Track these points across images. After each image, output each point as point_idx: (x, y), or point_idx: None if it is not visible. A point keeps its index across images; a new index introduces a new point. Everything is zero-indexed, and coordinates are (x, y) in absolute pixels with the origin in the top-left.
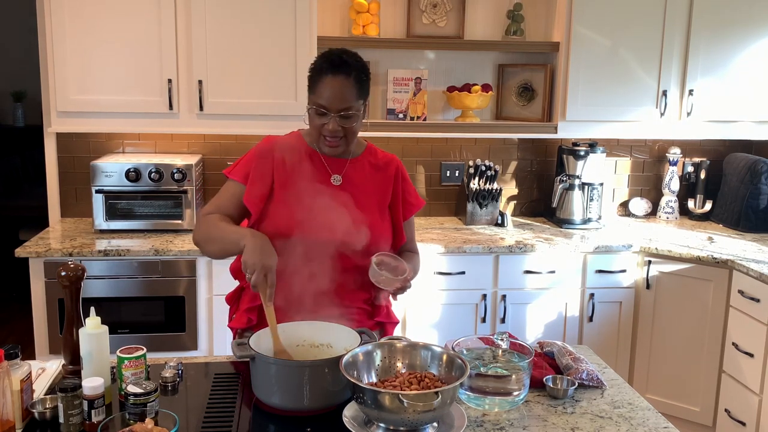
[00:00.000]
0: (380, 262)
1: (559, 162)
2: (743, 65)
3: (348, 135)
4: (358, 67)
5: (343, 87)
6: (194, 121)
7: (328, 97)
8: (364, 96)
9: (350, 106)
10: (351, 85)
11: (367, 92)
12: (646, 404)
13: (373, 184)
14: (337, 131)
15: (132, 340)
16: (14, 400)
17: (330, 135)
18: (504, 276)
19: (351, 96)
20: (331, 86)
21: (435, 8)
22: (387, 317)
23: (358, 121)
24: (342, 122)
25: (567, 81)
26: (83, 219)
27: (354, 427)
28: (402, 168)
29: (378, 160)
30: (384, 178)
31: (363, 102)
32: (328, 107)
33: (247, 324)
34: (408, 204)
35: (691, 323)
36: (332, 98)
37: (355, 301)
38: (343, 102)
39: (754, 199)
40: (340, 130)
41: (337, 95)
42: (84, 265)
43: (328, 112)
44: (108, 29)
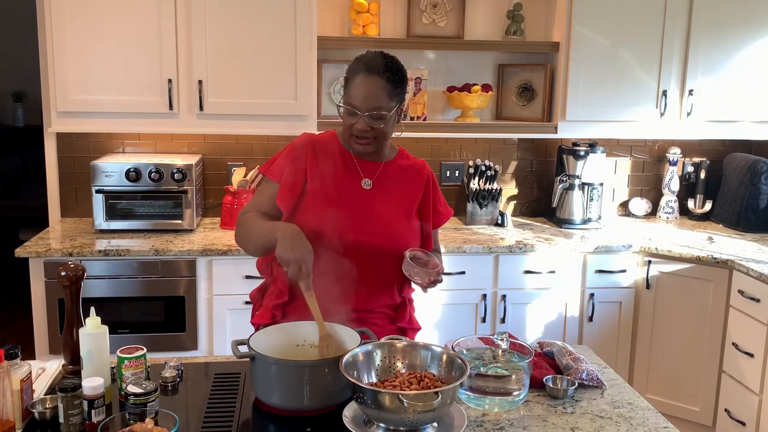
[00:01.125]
0: (413, 256)
1: (559, 162)
2: (743, 65)
3: (378, 136)
4: (393, 69)
5: (374, 87)
6: (194, 121)
7: (359, 96)
8: (398, 99)
9: (380, 107)
10: (382, 86)
11: (402, 96)
12: (646, 404)
13: (403, 189)
14: (366, 131)
15: (132, 340)
16: (14, 400)
17: (359, 134)
18: (504, 276)
19: (382, 97)
20: (362, 86)
21: (435, 8)
22: (409, 323)
23: (389, 123)
24: (371, 122)
25: (567, 81)
26: (83, 219)
27: (354, 427)
28: (433, 175)
29: (410, 165)
30: (415, 184)
31: (397, 105)
32: (358, 107)
33: (271, 320)
34: (438, 213)
35: (691, 323)
36: (362, 98)
37: (377, 305)
38: (372, 102)
39: (754, 199)
40: (369, 130)
41: (367, 95)
42: (84, 265)
43: (358, 112)
44: (108, 29)
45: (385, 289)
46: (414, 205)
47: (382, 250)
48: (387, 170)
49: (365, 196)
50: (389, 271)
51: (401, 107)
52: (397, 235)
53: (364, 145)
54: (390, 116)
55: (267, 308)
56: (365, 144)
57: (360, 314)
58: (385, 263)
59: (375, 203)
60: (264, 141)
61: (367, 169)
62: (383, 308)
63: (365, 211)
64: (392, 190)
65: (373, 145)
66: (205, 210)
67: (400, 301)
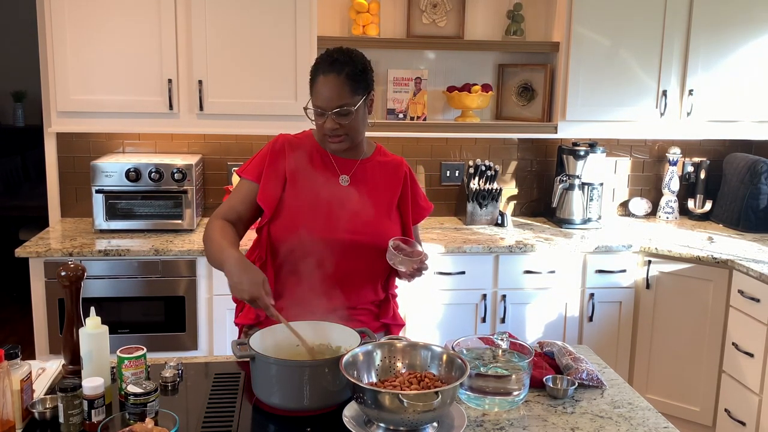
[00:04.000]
0: (396, 246)
1: (559, 162)
2: (743, 65)
3: (350, 132)
4: (352, 63)
5: (335, 85)
6: (194, 121)
7: (322, 96)
8: (363, 92)
9: (344, 104)
10: (343, 83)
11: (367, 88)
12: (646, 404)
13: (382, 185)
14: (336, 129)
15: (132, 340)
16: (14, 400)
17: (330, 133)
18: (504, 276)
19: (344, 93)
20: (323, 85)
21: (435, 8)
22: (393, 319)
23: (357, 118)
24: (339, 120)
25: (567, 81)
26: (83, 219)
27: (354, 427)
28: (411, 171)
29: (388, 161)
30: (393, 180)
31: (363, 98)
32: (323, 106)
33: (254, 320)
34: (419, 207)
35: (691, 323)
36: (325, 97)
37: (361, 301)
38: (336, 100)
39: (754, 199)
40: (339, 127)
41: (330, 94)
42: (84, 265)
43: (324, 111)
44: (108, 29)
45: (368, 285)
46: (393, 201)
47: (362, 246)
48: (365, 166)
49: (343, 193)
50: (371, 267)
51: (369, 98)
52: (377, 230)
53: (338, 143)
54: (356, 110)
55: (249, 308)
56: (338, 141)
57: (344, 311)
58: (366, 259)
59: (353, 199)
60: (264, 141)
61: (344, 166)
62: (367, 304)
63: (343, 207)
64: (370, 186)
65: (346, 141)
66: (205, 210)
67: (384, 296)
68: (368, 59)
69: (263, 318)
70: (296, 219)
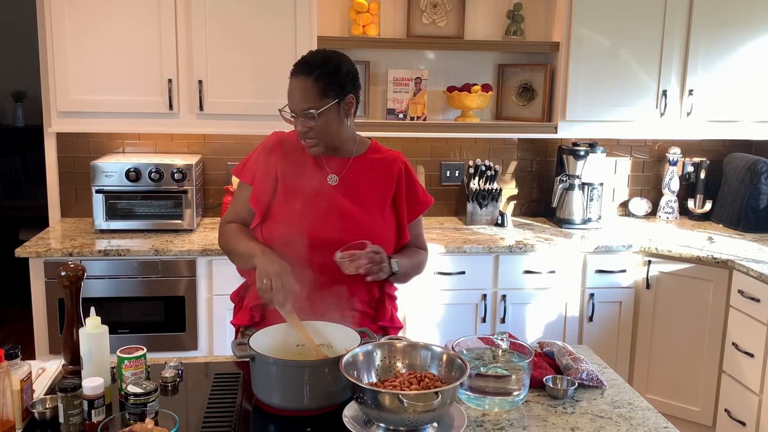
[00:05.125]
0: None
1: (559, 162)
2: (743, 65)
3: (320, 135)
4: (324, 66)
5: (302, 88)
6: (194, 121)
7: (290, 98)
8: (334, 95)
9: (311, 107)
10: (310, 86)
11: (340, 90)
12: (646, 404)
13: (374, 183)
14: (306, 132)
15: (132, 340)
16: (14, 400)
17: (302, 136)
18: (504, 276)
19: (312, 96)
20: (292, 88)
21: (435, 8)
22: (390, 321)
23: (328, 122)
24: (308, 123)
25: (567, 81)
26: (83, 219)
27: (354, 427)
28: (408, 166)
29: (383, 157)
30: (387, 176)
31: (334, 101)
32: (292, 109)
33: (250, 321)
34: (414, 204)
35: (691, 323)
36: (294, 100)
37: (356, 303)
38: (302, 103)
39: (754, 199)
40: (309, 131)
41: (297, 96)
42: (84, 265)
43: (294, 114)
44: (108, 29)
45: (360, 285)
46: (387, 198)
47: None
48: (355, 165)
49: (331, 193)
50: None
51: (345, 101)
52: (366, 229)
53: (310, 146)
54: (323, 113)
55: (246, 309)
56: (311, 145)
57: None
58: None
59: (341, 199)
60: None
61: (334, 165)
62: (363, 305)
63: (331, 207)
64: (361, 184)
65: (320, 144)
66: (205, 210)
67: (379, 296)
68: (351, 63)
69: (258, 319)
70: (285, 220)
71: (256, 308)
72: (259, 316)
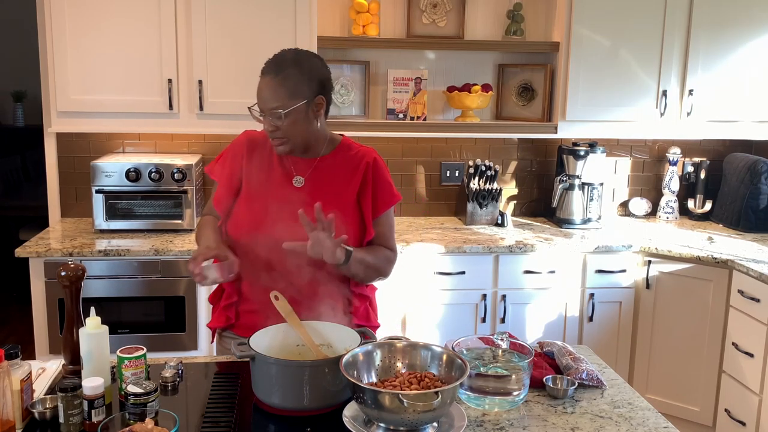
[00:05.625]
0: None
1: (559, 162)
2: (743, 65)
3: (288, 135)
4: (296, 66)
5: (270, 87)
6: (194, 121)
7: (259, 96)
8: (303, 96)
9: (279, 106)
10: (279, 84)
11: (309, 91)
12: (646, 404)
13: (339, 182)
14: (274, 131)
15: (132, 340)
16: (14, 400)
17: (269, 135)
18: (504, 276)
19: (280, 95)
20: (261, 87)
21: (435, 8)
22: (366, 320)
23: (296, 122)
24: (275, 122)
25: (567, 81)
26: (83, 219)
27: (354, 427)
28: (377, 162)
29: (352, 155)
30: (353, 174)
31: (302, 101)
32: (260, 108)
33: (225, 323)
34: (380, 199)
35: (691, 323)
36: (261, 98)
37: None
38: (270, 102)
39: (754, 199)
40: (276, 130)
41: (266, 95)
42: (84, 265)
43: (262, 113)
44: (108, 29)
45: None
46: (351, 196)
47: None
48: (322, 165)
49: (296, 194)
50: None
51: (314, 102)
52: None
53: (278, 145)
54: (289, 113)
55: (220, 310)
56: (278, 144)
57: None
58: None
59: (306, 200)
60: None
61: (301, 166)
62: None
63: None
64: (327, 184)
65: (287, 144)
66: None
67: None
68: (323, 64)
69: (233, 319)
70: (247, 223)
71: (229, 308)
72: (234, 316)
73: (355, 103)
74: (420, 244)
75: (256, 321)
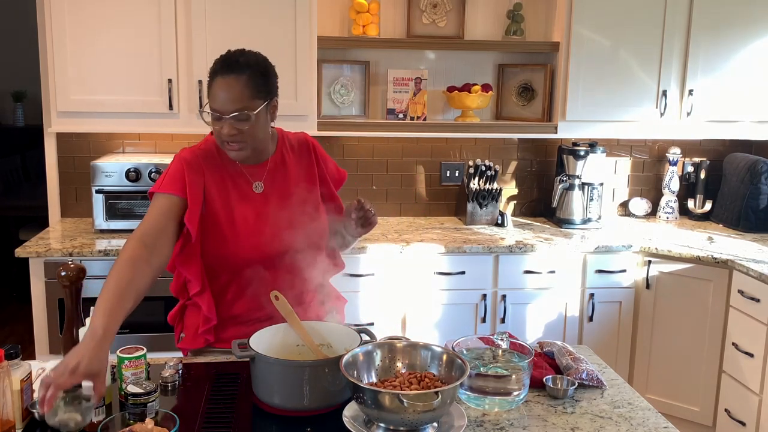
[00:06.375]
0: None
1: (559, 162)
2: (743, 65)
3: (248, 139)
4: (254, 66)
5: (234, 88)
6: (194, 121)
7: (219, 99)
8: (264, 96)
9: (244, 107)
10: (243, 86)
11: (268, 92)
12: (646, 404)
13: (297, 176)
14: (235, 135)
15: (132, 340)
16: (14, 400)
17: (228, 140)
18: (504, 276)
19: (243, 97)
20: (221, 88)
21: (435, 8)
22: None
23: (258, 124)
24: (237, 125)
25: (567, 81)
26: (83, 219)
27: (354, 427)
28: (316, 144)
29: (292, 145)
30: (306, 162)
31: (264, 102)
32: (220, 110)
33: (204, 344)
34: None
35: (691, 323)
36: (222, 100)
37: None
38: (234, 104)
39: (754, 199)
40: (237, 134)
41: (228, 97)
42: (84, 265)
43: (222, 116)
44: (108, 29)
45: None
46: (314, 181)
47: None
48: (273, 165)
49: (260, 201)
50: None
51: (272, 104)
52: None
53: (237, 151)
54: (256, 115)
55: (197, 334)
56: (238, 149)
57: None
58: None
59: (270, 205)
60: None
61: (255, 172)
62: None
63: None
64: (285, 182)
65: (246, 149)
66: None
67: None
68: (272, 65)
69: (212, 341)
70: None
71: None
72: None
73: (355, 103)
74: (420, 244)
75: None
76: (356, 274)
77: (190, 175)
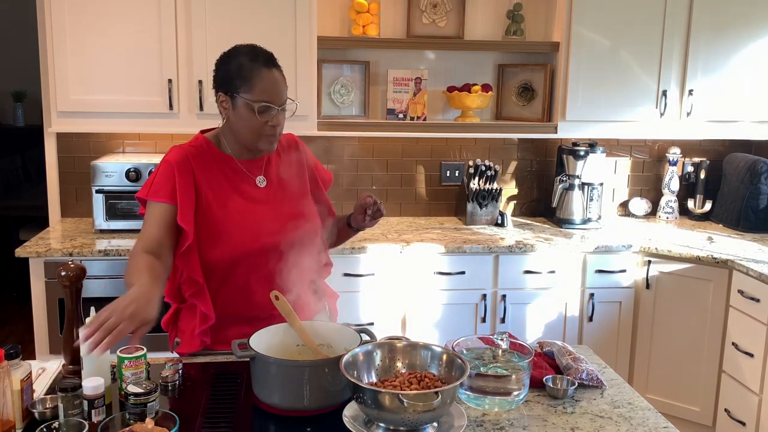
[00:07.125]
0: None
1: (559, 162)
2: (743, 65)
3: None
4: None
5: (280, 79)
6: (194, 121)
7: (270, 90)
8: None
9: (287, 98)
10: (283, 77)
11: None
12: (646, 404)
13: (291, 171)
14: (278, 126)
15: None
16: (14, 400)
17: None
18: (504, 276)
19: (286, 87)
20: (271, 80)
21: (435, 8)
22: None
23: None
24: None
25: (567, 81)
26: (83, 219)
27: (354, 427)
28: (303, 145)
29: (282, 144)
30: (297, 160)
31: None
32: (276, 101)
33: (200, 346)
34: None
35: (691, 323)
36: (275, 92)
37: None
38: (284, 94)
39: (754, 199)
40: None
41: (278, 88)
42: (84, 265)
43: (274, 106)
44: (108, 29)
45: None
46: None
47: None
48: (270, 161)
49: (264, 195)
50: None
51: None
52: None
53: (276, 141)
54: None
55: (193, 335)
56: (275, 141)
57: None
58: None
59: (276, 197)
60: None
61: (253, 167)
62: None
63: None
64: (283, 176)
65: (277, 139)
66: None
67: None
68: None
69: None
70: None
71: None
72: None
73: (355, 103)
74: (420, 244)
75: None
76: (356, 274)
77: (179, 176)
